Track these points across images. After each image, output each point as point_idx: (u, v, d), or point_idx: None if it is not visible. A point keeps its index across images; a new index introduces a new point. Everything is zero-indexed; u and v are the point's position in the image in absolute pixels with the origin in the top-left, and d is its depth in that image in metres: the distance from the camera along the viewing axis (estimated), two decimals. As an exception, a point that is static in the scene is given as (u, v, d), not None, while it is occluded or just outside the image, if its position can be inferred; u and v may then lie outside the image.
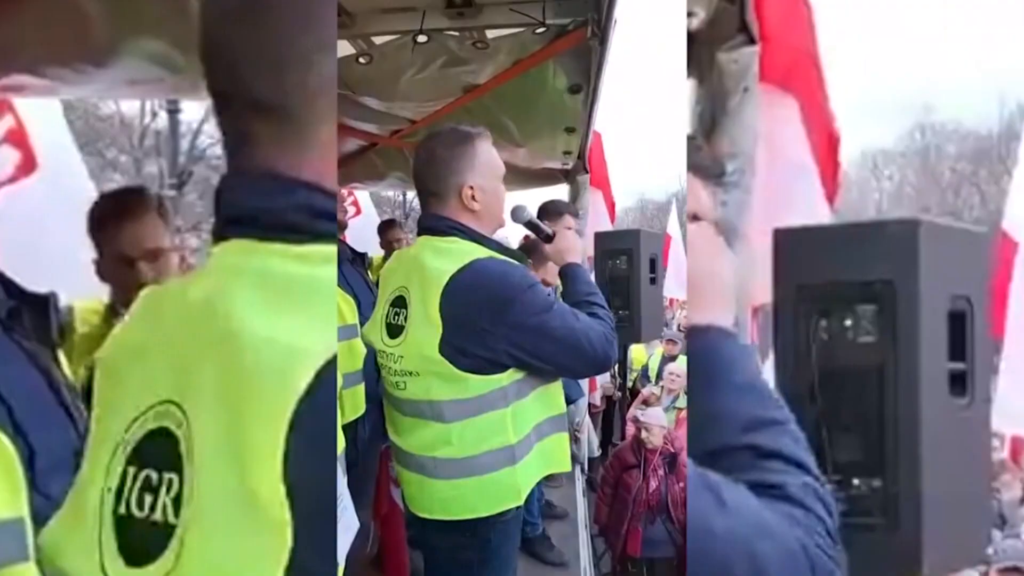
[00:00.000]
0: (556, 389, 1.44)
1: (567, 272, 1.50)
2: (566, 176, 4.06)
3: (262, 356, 0.44)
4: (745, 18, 1.00)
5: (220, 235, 0.53)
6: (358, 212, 4.76)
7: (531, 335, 1.29)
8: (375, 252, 3.71)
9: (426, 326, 1.30)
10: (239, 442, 0.42)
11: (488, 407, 1.33)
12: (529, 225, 1.58)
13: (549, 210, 2.82)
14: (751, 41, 1.01)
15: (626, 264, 3.11)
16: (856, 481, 0.87)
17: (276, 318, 0.45)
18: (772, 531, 0.57)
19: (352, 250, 2.55)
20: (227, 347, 0.44)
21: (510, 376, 1.33)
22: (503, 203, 1.42)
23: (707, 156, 0.90)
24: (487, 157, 1.38)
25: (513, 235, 3.85)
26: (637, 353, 4.86)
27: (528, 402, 1.38)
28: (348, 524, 1.12)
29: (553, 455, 1.44)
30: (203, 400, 0.44)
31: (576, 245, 1.52)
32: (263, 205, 0.52)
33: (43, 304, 0.87)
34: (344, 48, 2.47)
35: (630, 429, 3.48)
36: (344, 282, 2.18)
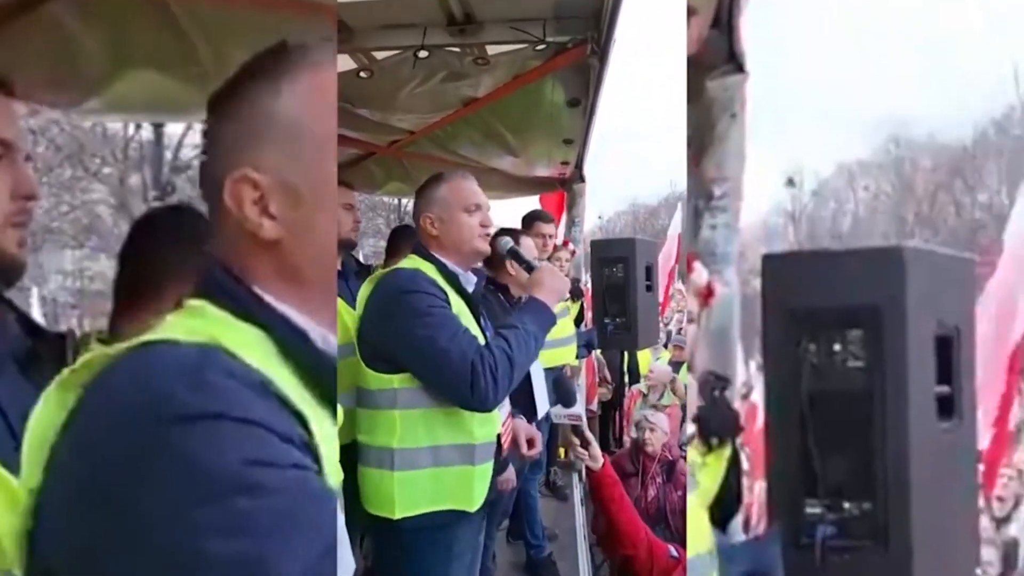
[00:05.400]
0: (466, 415, 1.42)
1: (524, 303, 1.54)
2: (563, 185, 4.08)
3: None
4: (733, 46, 1.02)
5: None
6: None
7: (396, 338, 1.40)
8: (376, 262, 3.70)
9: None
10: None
11: (381, 404, 1.44)
12: (511, 255, 1.72)
13: (523, 221, 2.99)
14: (739, 69, 1.03)
15: (622, 272, 3.14)
16: (847, 504, 0.89)
17: None
18: None
19: (359, 263, 2.59)
20: None
21: (401, 381, 1.42)
22: (468, 232, 1.52)
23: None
24: (451, 193, 1.54)
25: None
26: (643, 359, 4.89)
27: (421, 415, 1.41)
28: (345, 564, 1.13)
29: (455, 489, 1.42)
30: None
31: (547, 282, 1.53)
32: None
33: (61, 343, 0.88)
34: (345, 63, 2.49)
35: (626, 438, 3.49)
36: (350, 296, 2.21)
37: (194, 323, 0.55)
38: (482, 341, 1.44)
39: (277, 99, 0.58)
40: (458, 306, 1.47)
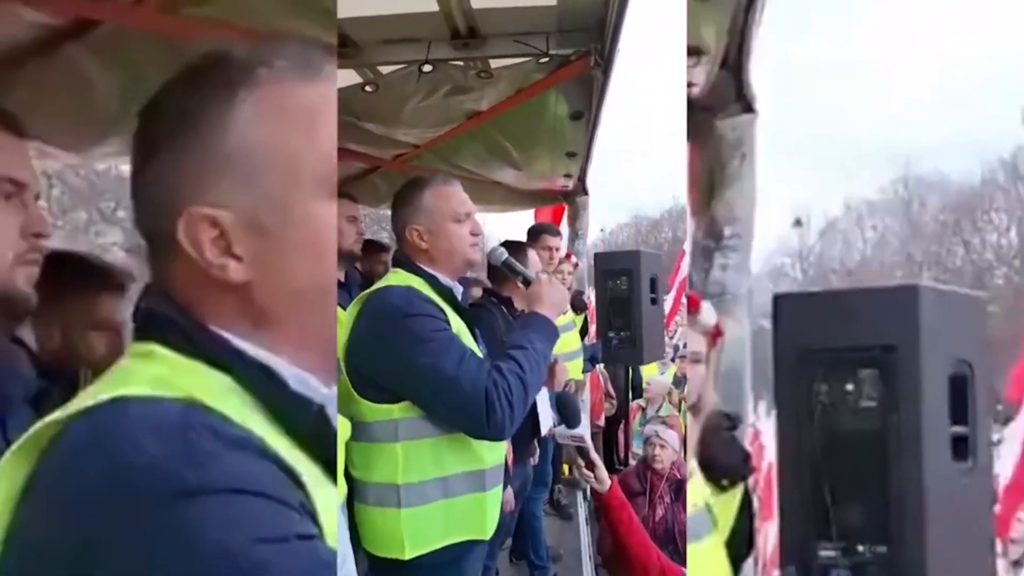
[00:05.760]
0: (475, 440, 1.34)
1: (523, 319, 1.45)
2: (566, 197, 4.08)
3: None
4: (742, 86, 1.01)
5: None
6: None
7: (396, 365, 1.29)
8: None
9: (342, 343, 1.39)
10: None
11: (379, 436, 1.33)
12: (506, 266, 1.61)
13: (529, 233, 2.96)
14: (749, 109, 1.01)
15: (626, 284, 3.10)
16: (860, 548, 0.87)
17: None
18: None
19: (362, 275, 2.58)
20: None
21: (402, 410, 1.31)
22: (459, 243, 1.42)
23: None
24: (437, 201, 1.42)
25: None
26: (649, 374, 4.86)
27: (426, 446, 1.31)
28: None
29: (467, 518, 1.35)
30: None
31: (546, 294, 1.43)
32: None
33: (74, 384, 0.87)
34: (350, 77, 2.49)
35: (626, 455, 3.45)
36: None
37: (157, 371, 0.49)
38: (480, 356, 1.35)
39: (234, 119, 0.51)
40: (456, 324, 1.38)
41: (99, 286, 1.16)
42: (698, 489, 0.91)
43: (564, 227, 4.10)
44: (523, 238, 2.95)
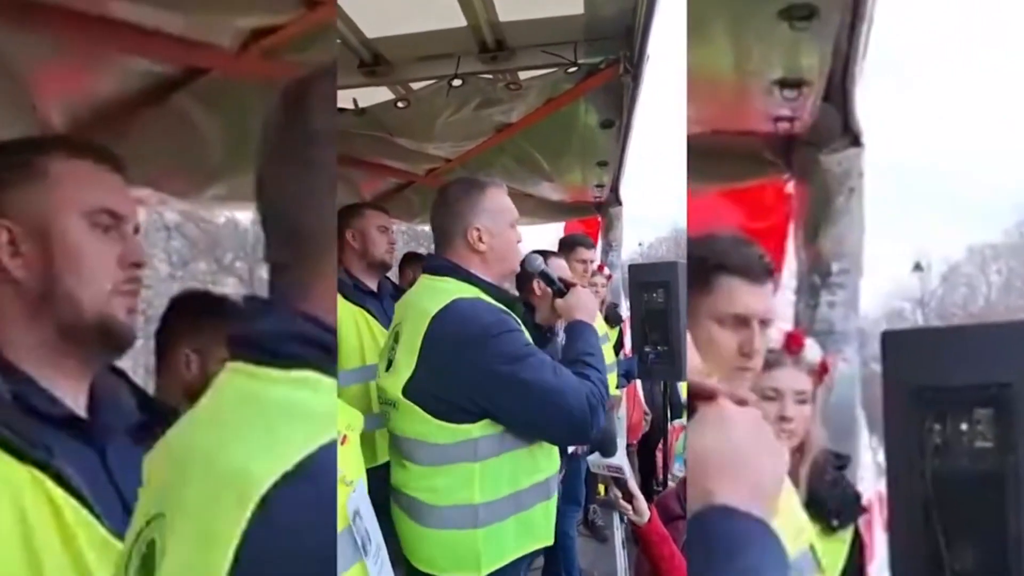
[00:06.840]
0: (540, 451, 1.34)
1: (570, 328, 1.45)
2: (598, 208, 4.02)
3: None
4: (848, 119, 0.95)
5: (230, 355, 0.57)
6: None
7: (497, 384, 1.23)
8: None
9: (405, 364, 1.31)
10: (196, 558, 0.46)
11: (456, 458, 1.28)
12: (542, 276, 1.56)
13: (562, 244, 2.86)
14: (856, 142, 0.96)
15: (663, 297, 3.01)
16: (978, 596, 0.80)
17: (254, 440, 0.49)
18: None
19: (394, 285, 2.56)
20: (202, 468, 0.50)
21: (482, 429, 1.26)
22: (513, 249, 1.41)
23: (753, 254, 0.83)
24: (497, 203, 1.39)
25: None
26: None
27: (503, 462, 1.29)
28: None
29: (537, 528, 1.35)
30: (176, 517, 0.50)
31: (586, 303, 1.47)
32: (263, 329, 0.55)
33: (173, 416, 0.88)
34: (384, 94, 2.50)
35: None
36: (385, 318, 2.16)
37: (335, 409, 0.52)
38: None
39: None
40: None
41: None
42: (801, 530, 0.85)
43: (598, 239, 4.04)
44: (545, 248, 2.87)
